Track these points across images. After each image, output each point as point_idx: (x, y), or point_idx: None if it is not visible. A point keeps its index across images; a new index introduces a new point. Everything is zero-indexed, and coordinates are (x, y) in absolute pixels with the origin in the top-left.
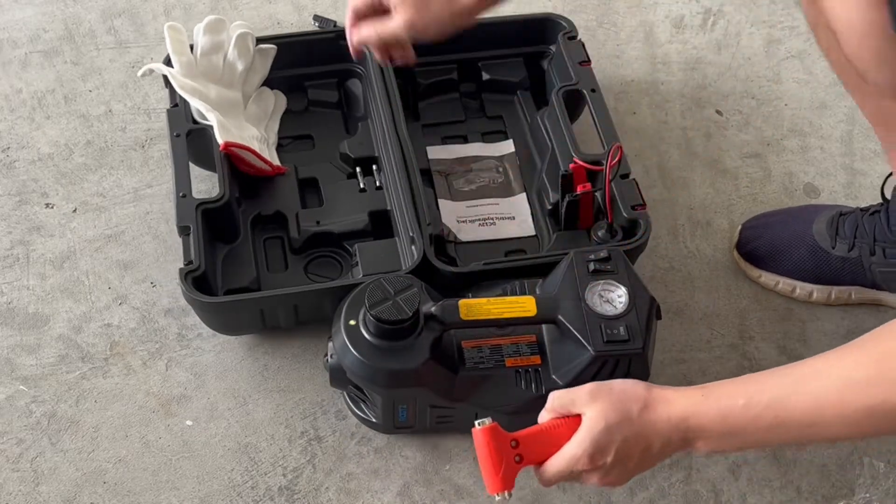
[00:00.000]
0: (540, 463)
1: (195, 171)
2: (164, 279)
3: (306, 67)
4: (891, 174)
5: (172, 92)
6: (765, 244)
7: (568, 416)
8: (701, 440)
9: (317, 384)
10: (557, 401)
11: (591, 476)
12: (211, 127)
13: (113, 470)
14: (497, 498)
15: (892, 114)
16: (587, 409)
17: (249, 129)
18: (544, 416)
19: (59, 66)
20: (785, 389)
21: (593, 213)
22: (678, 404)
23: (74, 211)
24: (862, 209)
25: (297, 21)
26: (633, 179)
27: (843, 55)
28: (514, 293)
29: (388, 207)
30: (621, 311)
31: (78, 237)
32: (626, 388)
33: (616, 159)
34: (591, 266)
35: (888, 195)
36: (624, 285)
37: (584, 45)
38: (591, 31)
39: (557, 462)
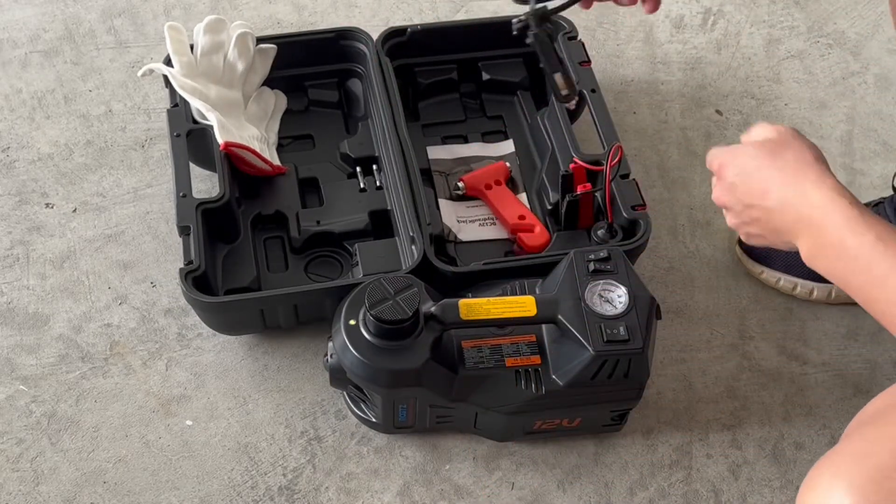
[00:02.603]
0: None
1: (195, 171)
2: (164, 279)
3: (306, 67)
4: None
5: (172, 92)
6: None
7: None
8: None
9: (317, 384)
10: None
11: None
12: (211, 127)
13: (113, 470)
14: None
15: None
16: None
17: (249, 128)
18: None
19: (59, 66)
20: None
21: (593, 213)
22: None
23: (74, 211)
24: (865, 204)
25: (297, 21)
26: (633, 179)
27: None
28: (514, 293)
29: (389, 207)
30: (621, 311)
31: (78, 237)
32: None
33: (616, 159)
34: (591, 266)
35: None
36: (624, 285)
37: (584, 45)
38: (591, 31)
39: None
